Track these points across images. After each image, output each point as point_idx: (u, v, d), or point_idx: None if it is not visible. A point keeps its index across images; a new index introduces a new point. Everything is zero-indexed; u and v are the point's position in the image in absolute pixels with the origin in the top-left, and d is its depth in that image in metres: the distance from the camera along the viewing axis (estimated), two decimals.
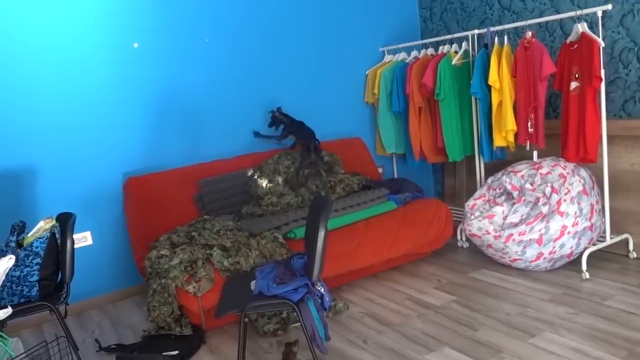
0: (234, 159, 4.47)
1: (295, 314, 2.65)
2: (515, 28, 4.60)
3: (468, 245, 4.57)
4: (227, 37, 4.49)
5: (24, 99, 3.75)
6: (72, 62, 3.90)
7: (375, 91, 5.06)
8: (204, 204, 4.18)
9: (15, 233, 3.05)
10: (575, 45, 3.68)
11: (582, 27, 3.63)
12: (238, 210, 4.23)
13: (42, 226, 3.06)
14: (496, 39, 4.18)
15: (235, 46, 4.53)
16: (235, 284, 2.98)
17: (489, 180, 4.11)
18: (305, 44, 4.88)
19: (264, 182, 4.20)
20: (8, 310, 2.47)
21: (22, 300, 2.93)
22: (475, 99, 4.39)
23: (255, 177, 4.25)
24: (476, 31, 4.38)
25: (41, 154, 3.85)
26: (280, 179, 4.24)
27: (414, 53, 4.95)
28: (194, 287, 3.21)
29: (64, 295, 3.02)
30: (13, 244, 2.99)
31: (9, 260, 2.47)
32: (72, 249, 3.01)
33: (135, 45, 4.12)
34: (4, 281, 2.84)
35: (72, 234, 3.02)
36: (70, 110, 3.92)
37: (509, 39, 4.25)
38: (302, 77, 4.88)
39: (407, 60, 4.97)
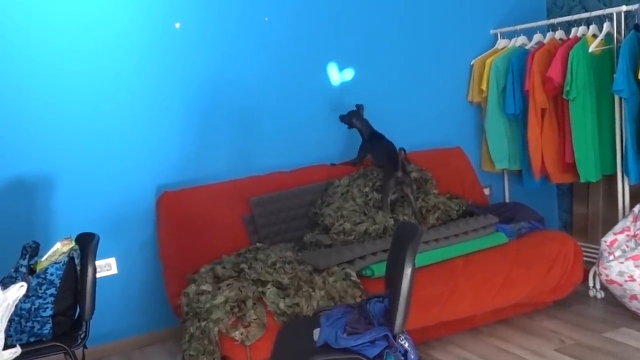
0: (294, 171, 4.58)
1: None
2: None
3: (603, 295, 4.47)
4: (292, 16, 4.62)
5: (39, 94, 3.99)
6: (98, 48, 4.12)
7: (484, 87, 5.05)
8: (256, 228, 4.29)
9: (27, 256, 3.23)
10: None
11: None
12: (299, 237, 4.31)
13: (59, 249, 3.22)
14: None
15: (302, 27, 4.66)
16: (294, 331, 3.03)
17: (636, 208, 4.03)
18: (391, 25, 4.94)
19: (331, 211, 4.27)
20: (17, 350, 2.61)
21: (32, 340, 3.10)
22: (620, 98, 4.31)
23: (320, 210, 4.33)
24: (624, 7, 4.30)
25: (59, 160, 4.08)
26: (354, 205, 4.27)
27: (537, 37, 4.92)
28: (241, 334, 3.30)
29: (82, 336, 3.18)
30: (24, 269, 3.17)
31: (19, 289, 2.61)
32: (94, 278, 3.17)
33: (177, 25, 4.31)
34: (12, 314, 3.02)
35: (95, 259, 3.18)
36: (94, 107, 4.13)
37: None
38: (385, 67, 4.95)
39: (527, 47, 4.94)
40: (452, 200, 4.56)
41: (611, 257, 3.89)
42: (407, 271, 2.54)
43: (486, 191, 5.26)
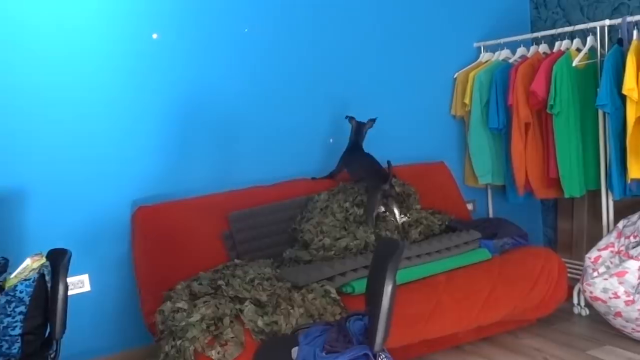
0: (274, 186, 4.57)
1: None
2: None
3: (588, 312, 4.49)
4: (273, 28, 4.63)
5: (8, 103, 3.94)
6: (71, 57, 4.09)
7: (467, 101, 5.09)
8: (234, 244, 4.28)
9: None
10: None
11: None
12: (279, 253, 4.30)
13: (29, 265, 3.19)
14: (635, 32, 4.15)
15: (283, 39, 4.67)
16: (272, 350, 3.02)
17: (620, 224, 4.05)
18: (374, 37, 4.97)
19: (311, 227, 4.27)
20: None
21: None
22: (604, 113, 4.35)
23: (299, 226, 4.33)
24: (607, 21, 4.36)
25: (30, 173, 4.02)
26: (334, 220, 4.27)
27: (520, 50, 4.96)
28: (218, 353, 3.27)
29: (52, 355, 3.13)
30: None
31: None
32: (65, 295, 3.13)
33: (154, 36, 4.31)
34: None
35: (66, 276, 3.15)
36: (67, 118, 4.10)
37: None
38: (368, 80, 4.98)
39: (511, 60, 4.99)
40: (434, 215, 4.57)
41: (595, 274, 3.90)
42: (388, 288, 2.53)
43: (469, 206, 5.28)
